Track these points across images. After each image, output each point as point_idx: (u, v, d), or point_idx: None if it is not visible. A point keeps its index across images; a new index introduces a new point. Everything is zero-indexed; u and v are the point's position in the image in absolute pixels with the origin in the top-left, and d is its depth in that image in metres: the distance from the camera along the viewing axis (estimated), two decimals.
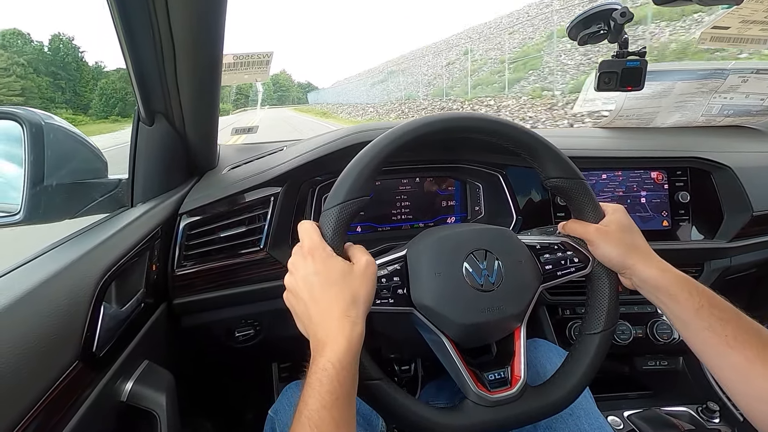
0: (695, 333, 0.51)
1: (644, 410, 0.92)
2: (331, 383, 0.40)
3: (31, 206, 0.60)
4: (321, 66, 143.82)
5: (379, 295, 0.52)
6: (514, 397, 0.52)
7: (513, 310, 0.54)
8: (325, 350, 0.42)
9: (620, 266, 0.57)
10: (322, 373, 0.41)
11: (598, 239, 0.57)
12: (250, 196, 0.80)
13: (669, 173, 0.98)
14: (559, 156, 0.59)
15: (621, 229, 0.57)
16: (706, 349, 0.50)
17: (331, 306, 0.45)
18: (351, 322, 0.44)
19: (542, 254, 0.59)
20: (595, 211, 0.59)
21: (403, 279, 0.55)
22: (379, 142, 0.54)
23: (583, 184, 0.59)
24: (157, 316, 0.71)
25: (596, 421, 0.63)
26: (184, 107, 0.75)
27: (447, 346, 0.54)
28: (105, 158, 0.74)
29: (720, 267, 0.97)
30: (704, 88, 1.08)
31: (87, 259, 0.54)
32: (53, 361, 0.44)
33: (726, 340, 0.48)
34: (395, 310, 0.54)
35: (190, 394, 0.70)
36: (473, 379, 0.53)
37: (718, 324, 0.49)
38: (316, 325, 0.45)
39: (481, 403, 0.51)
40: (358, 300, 0.46)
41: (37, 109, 0.63)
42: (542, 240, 0.61)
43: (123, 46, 0.64)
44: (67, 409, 0.45)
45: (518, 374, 0.54)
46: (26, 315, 0.43)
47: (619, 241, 0.56)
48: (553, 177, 0.59)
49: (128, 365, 0.58)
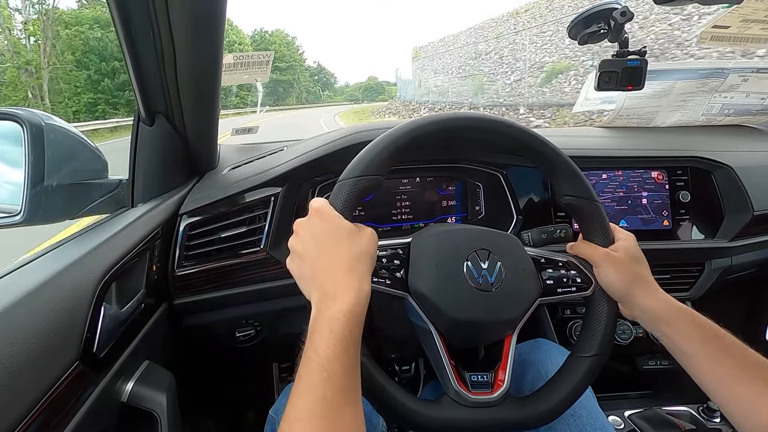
0: (700, 365, 0.50)
1: (645, 410, 0.92)
2: (342, 331, 0.40)
3: (31, 207, 0.60)
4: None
5: (377, 274, 0.52)
6: (492, 402, 0.51)
7: (506, 315, 0.53)
8: (335, 301, 0.42)
9: (622, 294, 0.56)
10: (333, 322, 0.41)
11: (605, 263, 0.56)
12: (251, 196, 0.80)
13: (669, 173, 0.98)
14: (577, 174, 0.58)
15: (629, 257, 0.57)
16: (712, 382, 0.49)
17: (340, 260, 0.45)
18: (359, 277, 0.45)
19: (545, 268, 0.59)
20: (606, 235, 0.59)
21: (403, 264, 0.55)
22: (407, 126, 0.54)
23: (597, 206, 0.59)
24: (157, 317, 0.71)
25: (598, 422, 0.63)
26: (185, 107, 0.75)
27: (435, 338, 0.53)
28: (105, 158, 0.74)
29: (721, 266, 0.97)
30: (705, 87, 1.08)
31: (87, 259, 0.54)
32: (54, 361, 0.44)
33: (732, 372, 0.47)
34: (390, 292, 0.53)
35: (190, 394, 0.70)
36: (455, 375, 0.52)
37: (724, 356, 0.48)
38: (324, 279, 0.44)
39: (458, 401, 0.51)
40: (364, 258, 0.47)
41: (36, 110, 0.63)
42: (548, 255, 0.60)
43: (123, 46, 0.64)
44: (68, 409, 0.45)
45: (501, 381, 0.53)
46: (27, 316, 0.43)
47: (626, 268, 0.56)
48: (568, 195, 0.59)
49: (129, 365, 0.58)
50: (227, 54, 0.95)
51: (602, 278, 0.57)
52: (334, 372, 0.37)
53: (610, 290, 0.57)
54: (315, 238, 0.47)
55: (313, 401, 0.36)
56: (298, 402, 0.36)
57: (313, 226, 0.48)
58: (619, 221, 0.96)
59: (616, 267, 0.56)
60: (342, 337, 0.40)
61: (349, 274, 0.44)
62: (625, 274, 0.55)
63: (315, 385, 0.37)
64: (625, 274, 0.55)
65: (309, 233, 0.48)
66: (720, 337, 0.50)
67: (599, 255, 0.57)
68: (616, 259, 0.56)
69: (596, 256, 0.57)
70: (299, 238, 0.48)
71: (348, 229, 0.48)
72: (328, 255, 0.46)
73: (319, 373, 0.37)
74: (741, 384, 0.46)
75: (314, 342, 0.40)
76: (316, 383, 0.37)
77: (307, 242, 0.47)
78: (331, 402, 0.36)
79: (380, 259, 0.53)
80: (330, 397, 0.36)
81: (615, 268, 0.56)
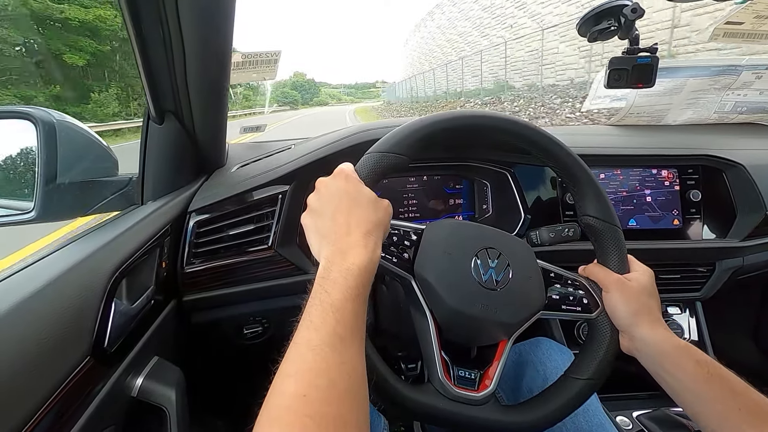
0: (705, 405, 0.48)
1: (653, 410, 0.91)
2: (354, 281, 0.40)
3: (44, 204, 0.61)
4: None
5: (385, 250, 0.52)
6: (475, 401, 0.51)
7: (505, 318, 0.53)
8: (348, 257, 0.42)
9: (626, 323, 0.54)
10: (346, 272, 0.41)
11: (615, 289, 0.55)
12: (258, 194, 0.81)
13: (680, 171, 0.97)
14: (603, 196, 0.58)
15: (642, 289, 0.56)
16: (720, 424, 0.46)
17: (358, 223, 0.45)
18: (374, 241, 0.45)
19: (554, 283, 0.58)
20: (621, 262, 0.58)
21: (413, 246, 0.55)
22: (442, 115, 0.55)
23: (618, 232, 0.58)
24: (166, 313, 0.71)
25: (595, 418, 0.62)
26: (194, 106, 0.76)
27: (430, 325, 0.53)
28: (115, 156, 0.75)
29: (732, 266, 0.95)
30: (717, 84, 1.06)
31: (98, 255, 0.55)
32: (66, 356, 0.44)
33: (740, 414, 0.44)
34: (394, 270, 0.54)
35: (198, 390, 0.71)
36: (443, 367, 0.52)
37: (730, 396, 0.46)
38: (339, 236, 0.45)
39: (441, 391, 0.51)
40: (381, 226, 0.47)
41: (49, 109, 0.64)
42: (557, 270, 0.59)
43: (134, 45, 0.65)
44: (80, 403, 0.45)
45: (488, 383, 0.53)
46: (39, 311, 0.44)
47: (635, 298, 0.54)
48: (590, 215, 0.58)
49: (138, 361, 0.58)
50: (235, 53, 0.95)
51: (609, 304, 0.56)
52: (345, 314, 0.38)
53: (615, 317, 0.56)
54: (336, 196, 0.47)
55: (324, 335, 0.36)
56: (307, 334, 0.37)
57: (336, 184, 0.48)
58: (628, 221, 0.95)
59: (626, 295, 0.55)
60: (354, 286, 0.40)
61: (366, 236, 0.45)
62: (633, 304, 0.54)
63: (327, 322, 0.37)
64: (634, 303, 0.54)
65: (330, 191, 0.48)
66: (724, 377, 0.48)
67: (611, 280, 0.56)
68: (627, 287, 0.55)
69: (608, 281, 0.56)
70: (320, 195, 0.49)
71: (368, 195, 0.48)
72: (346, 214, 0.46)
73: (332, 313, 0.38)
74: (752, 429, 0.43)
75: (326, 287, 0.40)
76: (328, 320, 0.37)
77: (327, 199, 0.48)
78: (343, 338, 0.37)
79: (390, 236, 0.54)
80: (341, 333, 0.37)
81: (624, 295, 0.55)
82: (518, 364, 0.72)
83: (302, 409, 0.31)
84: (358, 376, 0.36)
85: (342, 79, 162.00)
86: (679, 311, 1.04)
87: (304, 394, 0.32)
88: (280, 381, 0.34)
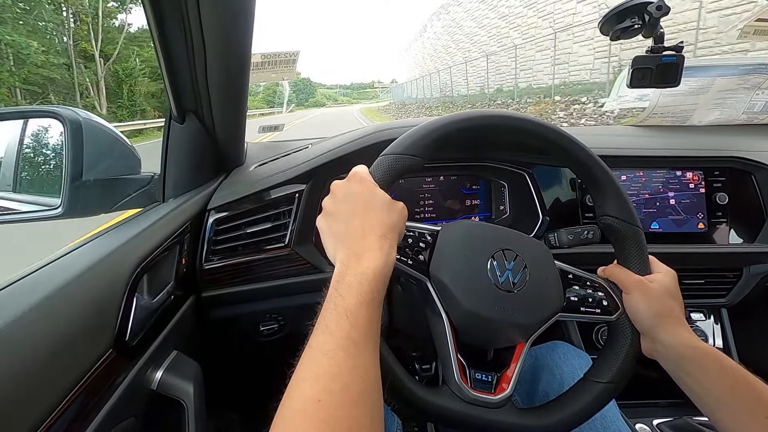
0: (730, 413, 0.46)
1: (675, 419, 0.88)
2: (369, 285, 0.41)
3: (70, 200, 0.63)
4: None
5: (400, 252, 0.52)
6: (492, 404, 0.51)
7: (522, 320, 0.52)
8: (363, 260, 0.43)
9: (647, 325, 0.53)
10: (361, 277, 0.41)
11: (636, 291, 0.54)
12: (276, 192, 0.82)
13: (706, 173, 0.94)
14: (623, 196, 0.57)
15: (664, 290, 0.54)
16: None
17: (372, 226, 0.46)
18: (389, 244, 0.45)
19: (572, 284, 0.57)
20: (643, 262, 0.57)
21: (428, 248, 0.55)
22: (457, 116, 0.55)
23: (639, 233, 0.57)
24: (186, 308, 0.73)
25: (614, 425, 0.60)
26: (214, 105, 0.77)
27: (446, 328, 0.53)
28: (138, 155, 0.77)
29: (761, 272, 0.92)
30: (746, 84, 1.03)
31: (120, 252, 0.57)
32: (89, 348, 0.46)
33: (767, 423, 0.42)
34: (410, 273, 0.53)
35: (216, 384, 0.72)
36: (459, 369, 0.52)
37: (756, 405, 0.44)
38: (354, 239, 0.45)
39: (458, 393, 0.51)
40: (395, 229, 0.47)
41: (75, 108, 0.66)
42: (576, 272, 0.58)
43: (156, 46, 0.67)
44: (102, 394, 0.47)
45: (505, 386, 0.52)
46: (64, 305, 0.45)
47: (657, 300, 0.53)
48: (610, 215, 0.57)
49: (158, 355, 0.60)
50: (255, 53, 0.96)
51: (630, 306, 0.54)
52: (359, 318, 0.38)
53: (636, 320, 0.54)
54: (350, 200, 0.48)
55: (339, 339, 0.37)
56: (322, 338, 0.37)
57: (350, 188, 0.49)
58: (651, 223, 0.93)
59: (647, 296, 0.53)
60: (369, 290, 0.40)
61: (381, 239, 0.45)
62: (656, 306, 0.53)
63: (341, 326, 0.37)
64: (656, 305, 0.53)
65: (345, 194, 0.48)
66: (751, 384, 0.46)
67: (632, 281, 0.55)
68: (648, 289, 0.53)
69: (628, 282, 0.55)
70: (335, 198, 0.49)
71: (383, 198, 0.48)
72: (361, 217, 0.46)
73: (346, 317, 0.38)
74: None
75: (341, 291, 0.40)
76: (342, 324, 0.38)
77: (342, 203, 0.48)
78: (357, 342, 0.37)
79: (405, 238, 0.54)
80: (355, 338, 0.37)
81: (646, 297, 0.53)
82: (534, 367, 0.71)
83: (317, 413, 0.31)
84: (371, 380, 0.36)
85: (337, 80, 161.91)
86: (704, 317, 1.01)
87: (318, 399, 0.32)
88: (295, 385, 0.34)
